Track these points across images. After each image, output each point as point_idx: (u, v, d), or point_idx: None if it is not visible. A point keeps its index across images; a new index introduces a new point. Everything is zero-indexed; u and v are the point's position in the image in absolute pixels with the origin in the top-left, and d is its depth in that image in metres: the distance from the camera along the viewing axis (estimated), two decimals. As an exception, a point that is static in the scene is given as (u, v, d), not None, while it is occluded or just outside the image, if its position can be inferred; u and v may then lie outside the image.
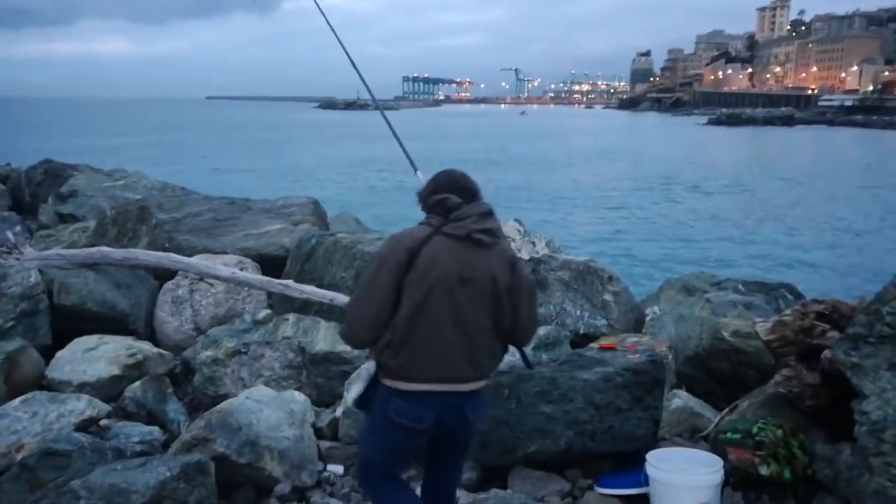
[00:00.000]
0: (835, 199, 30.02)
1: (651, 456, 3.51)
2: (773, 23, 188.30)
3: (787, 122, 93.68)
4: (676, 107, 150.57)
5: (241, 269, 5.92)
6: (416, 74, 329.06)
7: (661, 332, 4.96)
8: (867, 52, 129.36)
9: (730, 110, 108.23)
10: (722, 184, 34.65)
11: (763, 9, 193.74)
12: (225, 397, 4.28)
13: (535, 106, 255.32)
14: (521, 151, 53.10)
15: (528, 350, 3.38)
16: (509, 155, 49.81)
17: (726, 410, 4.18)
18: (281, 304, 5.83)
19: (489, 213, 2.76)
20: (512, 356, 3.40)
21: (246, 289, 5.86)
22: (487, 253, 2.71)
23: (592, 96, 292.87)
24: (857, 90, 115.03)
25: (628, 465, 3.73)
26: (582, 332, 5.40)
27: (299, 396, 4.28)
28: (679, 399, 4.12)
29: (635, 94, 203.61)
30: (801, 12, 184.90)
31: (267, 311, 5.31)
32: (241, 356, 4.70)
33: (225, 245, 6.77)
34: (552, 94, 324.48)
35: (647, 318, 5.19)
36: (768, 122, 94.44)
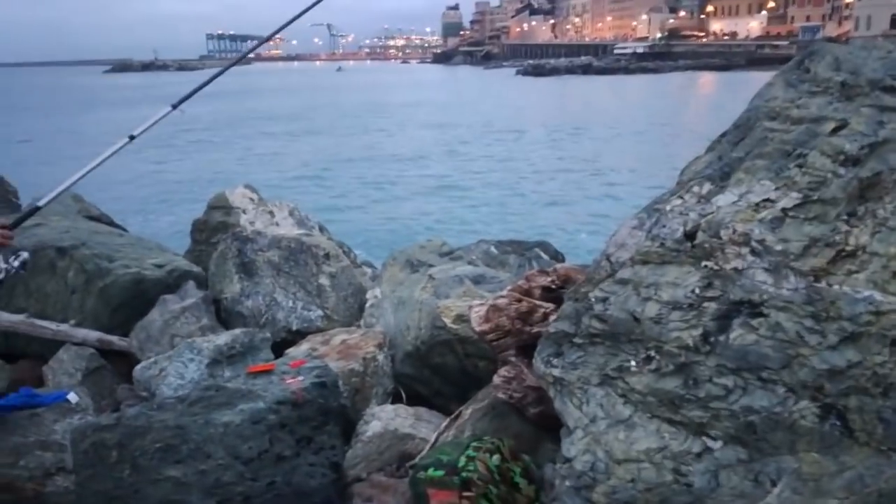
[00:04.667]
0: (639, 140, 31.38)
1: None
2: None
3: (587, 70, 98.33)
4: (487, 59, 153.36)
5: None
6: (220, 32, 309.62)
7: (379, 321, 3.94)
8: (654, 2, 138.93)
9: (535, 61, 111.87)
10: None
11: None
12: None
13: (352, 62, 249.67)
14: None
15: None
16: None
17: (445, 423, 3.24)
18: None
19: None
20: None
21: None
22: None
23: (408, 51, 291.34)
24: (646, 38, 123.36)
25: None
26: (295, 328, 4.26)
27: None
28: (378, 421, 3.09)
29: (448, 48, 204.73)
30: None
31: None
32: None
33: None
34: (368, 50, 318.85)
35: (367, 305, 4.15)
36: (570, 70, 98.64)
